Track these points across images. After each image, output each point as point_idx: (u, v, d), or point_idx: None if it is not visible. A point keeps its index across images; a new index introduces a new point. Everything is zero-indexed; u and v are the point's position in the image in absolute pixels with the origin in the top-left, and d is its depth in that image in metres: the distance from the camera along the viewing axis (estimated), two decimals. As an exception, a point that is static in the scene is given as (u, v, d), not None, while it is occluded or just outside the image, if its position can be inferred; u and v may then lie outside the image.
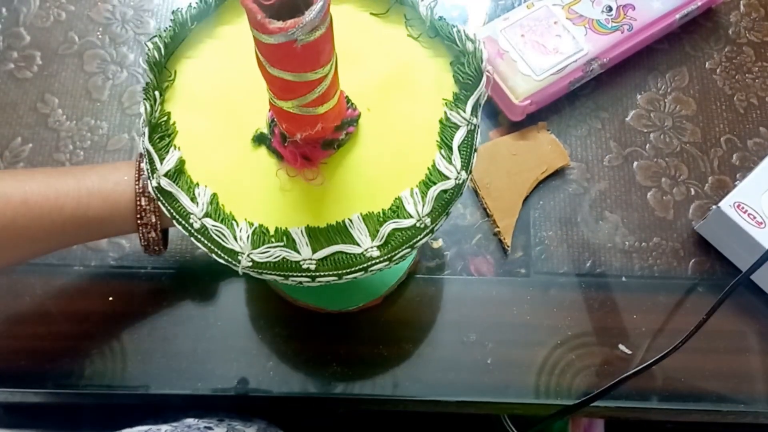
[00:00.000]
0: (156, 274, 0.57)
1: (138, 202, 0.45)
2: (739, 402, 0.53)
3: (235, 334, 0.55)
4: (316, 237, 0.37)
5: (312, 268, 0.37)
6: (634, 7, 0.63)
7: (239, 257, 0.38)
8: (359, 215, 0.38)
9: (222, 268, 0.40)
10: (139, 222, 0.45)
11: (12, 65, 0.66)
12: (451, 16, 0.68)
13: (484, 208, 0.59)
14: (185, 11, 0.42)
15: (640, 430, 0.87)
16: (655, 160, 0.61)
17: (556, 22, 0.62)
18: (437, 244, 0.58)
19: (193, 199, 0.39)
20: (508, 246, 0.58)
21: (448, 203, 0.38)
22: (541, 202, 0.60)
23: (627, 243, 0.58)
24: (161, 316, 0.55)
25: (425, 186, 0.38)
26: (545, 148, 0.61)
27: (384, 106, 0.41)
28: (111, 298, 0.56)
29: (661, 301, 0.56)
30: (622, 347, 0.55)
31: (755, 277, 0.55)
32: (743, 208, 0.54)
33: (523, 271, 0.57)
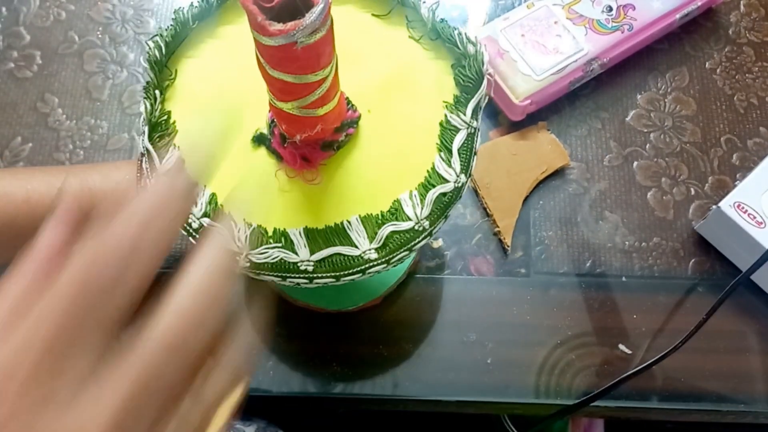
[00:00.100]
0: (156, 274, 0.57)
1: None
2: (739, 402, 0.53)
3: (235, 334, 0.55)
4: (314, 238, 0.37)
5: (310, 269, 0.37)
6: (634, 7, 0.63)
7: (237, 258, 0.38)
8: (358, 217, 0.38)
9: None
10: None
11: (12, 65, 0.66)
12: (451, 16, 0.68)
13: (484, 208, 0.59)
14: (187, 10, 0.42)
15: (640, 430, 0.87)
16: (655, 160, 0.61)
17: (556, 22, 0.62)
18: (437, 243, 0.58)
19: None
20: (508, 246, 0.58)
21: (447, 206, 0.38)
22: (541, 202, 0.60)
23: (627, 243, 0.58)
24: (161, 316, 0.55)
25: (424, 189, 0.38)
26: (545, 148, 0.61)
27: (384, 108, 0.41)
28: (111, 298, 0.56)
29: (661, 301, 0.56)
30: (622, 347, 0.55)
31: (755, 277, 0.55)
32: (743, 208, 0.54)
33: (523, 271, 0.57)
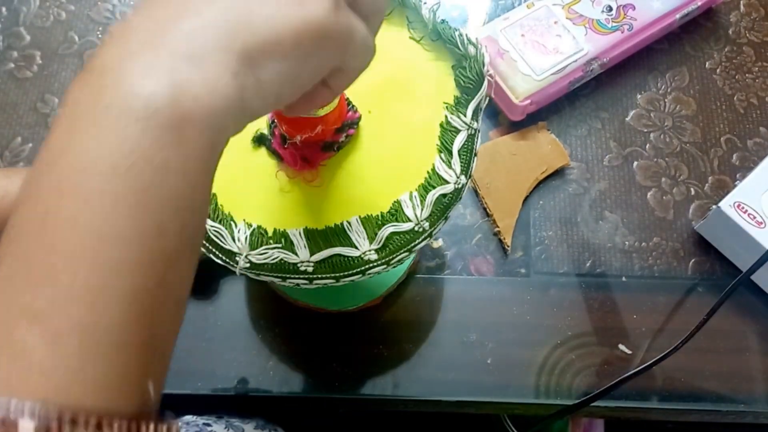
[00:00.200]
0: None
1: None
2: (739, 402, 0.53)
3: (235, 335, 0.55)
4: (314, 239, 0.37)
5: (309, 270, 0.37)
6: (634, 7, 0.63)
7: (237, 258, 0.38)
8: (358, 218, 0.38)
9: (222, 268, 0.40)
10: None
11: (12, 65, 0.66)
12: (452, 16, 0.68)
13: (484, 208, 0.59)
14: None
15: (640, 430, 0.87)
16: (655, 160, 0.61)
17: (556, 22, 0.62)
18: (437, 244, 0.58)
19: None
20: (508, 246, 0.58)
21: (447, 207, 0.38)
22: (541, 202, 0.60)
23: (627, 243, 0.58)
24: (161, 316, 0.55)
25: (424, 190, 0.38)
26: (545, 148, 0.61)
27: (385, 109, 0.41)
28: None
29: (661, 301, 0.56)
30: (622, 347, 0.55)
31: (755, 277, 0.55)
32: (743, 208, 0.54)
33: (523, 271, 0.57)
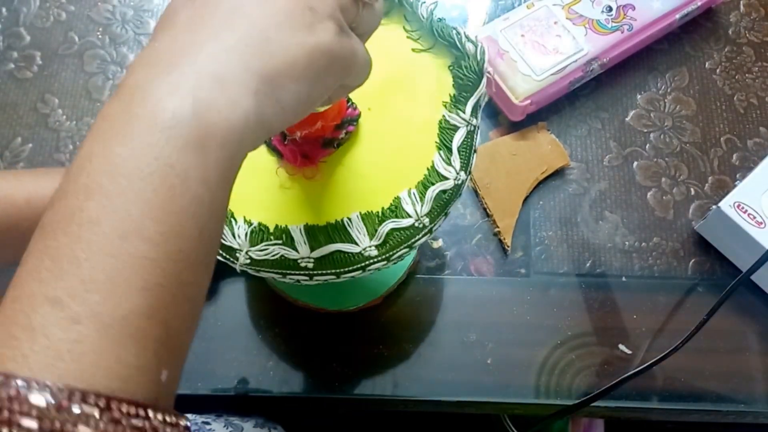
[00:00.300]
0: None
1: None
2: (739, 402, 0.53)
3: (235, 334, 0.55)
4: (314, 235, 0.37)
5: (310, 266, 0.37)
6: (634, 7, 0.63)
7: (237, 254, 0.38)
8: (358, 214, 0.38)
9: (222, 267, 0.40)
10: None
11: (12, 65, 0.66)
12: (451, 16, 0.68)
13: (484, 208, 0.59)
14: None
15: (640, 430, 0.87)
16: (655, 160, 0.61)
17: (556, 22, 0.62)
18: (437, 244, 0.58)
19: None
20: (508, 246, 0.58)
21: (446, 203, 0.38)
22: (541, 202, 0.60)
23: (627, 243, 0.58)
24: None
25: (424, 186, 0.38)
26: (545, 148, 0.61)
27: (384, 106, 0.41)
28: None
29: (661, 301, 0.56)
30: (622, 347, 0.55)
31: (755, 277, 0.55)
32: (743, 208, 0.54)
33: (523, 271, 0.57)
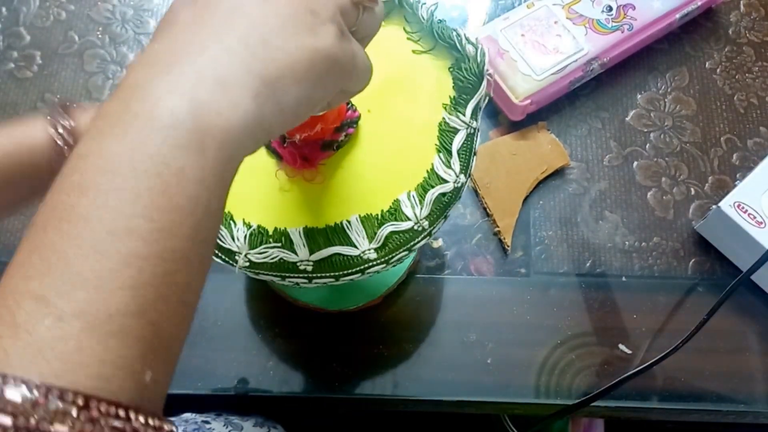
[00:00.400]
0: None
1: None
2: (739, 402, 0.53)
3: (235, 334, 0.55)
4: (313, 238, 0.37)
5: (309, 269, 0.37)
6: (634, 7, 0.63)
7: (236, 257, 0.38)
8: (357, 217, 0.38)
9: (222, 267, 0.40)
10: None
11: (12, 65, 0.66)
12: (451, 16, 0.68)
13: (484, 208, 0.59)
14: None
15: (640, 430, 0.87)
16: (655, 159, 0.61)
17: (556, 22, 0.62)
18: (437, 243, 0.58)
19: None
20: (508, 246, 0.58)
21: (446, 206, 0.38)
22: (541, 202, 0.60)
23: (627, 243, 0.58)
24: (161, 316, 0.55)
25: (423, 189, 0.38)
26: (545, 148, 0.61)
27: (384, 108, 0.41)
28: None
29: (661, 301, 0.56)
30: (622, 347, 0.55)
31: (755, 277, 0.55)
32: (743, 208, 0.54)
33: (523, 270, 0.57)
